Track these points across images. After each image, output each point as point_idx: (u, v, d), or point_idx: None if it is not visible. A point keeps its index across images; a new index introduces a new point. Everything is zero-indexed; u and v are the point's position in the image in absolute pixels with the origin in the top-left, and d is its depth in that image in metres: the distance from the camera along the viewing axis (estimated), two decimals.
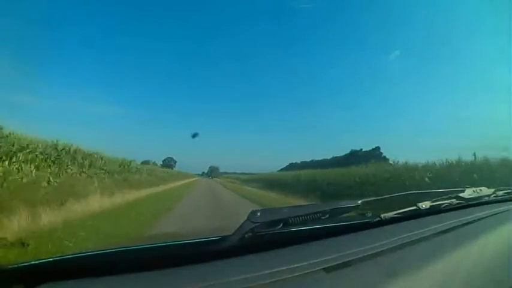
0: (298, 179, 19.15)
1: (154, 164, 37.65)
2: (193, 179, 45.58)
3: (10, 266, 0.64)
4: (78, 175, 9.61)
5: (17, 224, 4.63)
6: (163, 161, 52.09)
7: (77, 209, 6.60)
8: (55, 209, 5.97)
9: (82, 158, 11.21)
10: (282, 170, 40.81)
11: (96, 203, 7.75)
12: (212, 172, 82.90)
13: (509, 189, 1.40)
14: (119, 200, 9.48)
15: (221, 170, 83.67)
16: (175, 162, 56.99)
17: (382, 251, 0.72)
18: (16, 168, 6.86)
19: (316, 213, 0.76)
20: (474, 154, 9.07)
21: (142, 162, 26.22)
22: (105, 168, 12.95)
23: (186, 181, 31.65)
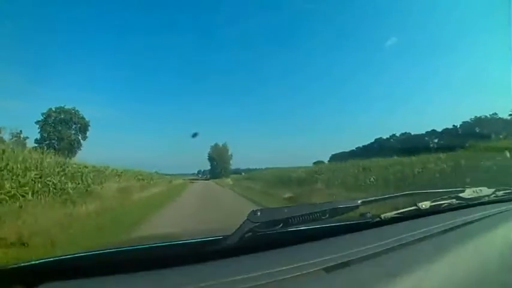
0: None
1: None
2: None
3: (10, 266, 0.64)
4: None
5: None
6: None
7: None
8: None
9: None
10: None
11: None
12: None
13: (509, 189, 1.40)
14: None
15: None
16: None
17: (382, 251, 0.72)
18: None
19: (316, 213, 0.76)
20: None
21: None
22: None
23: None
